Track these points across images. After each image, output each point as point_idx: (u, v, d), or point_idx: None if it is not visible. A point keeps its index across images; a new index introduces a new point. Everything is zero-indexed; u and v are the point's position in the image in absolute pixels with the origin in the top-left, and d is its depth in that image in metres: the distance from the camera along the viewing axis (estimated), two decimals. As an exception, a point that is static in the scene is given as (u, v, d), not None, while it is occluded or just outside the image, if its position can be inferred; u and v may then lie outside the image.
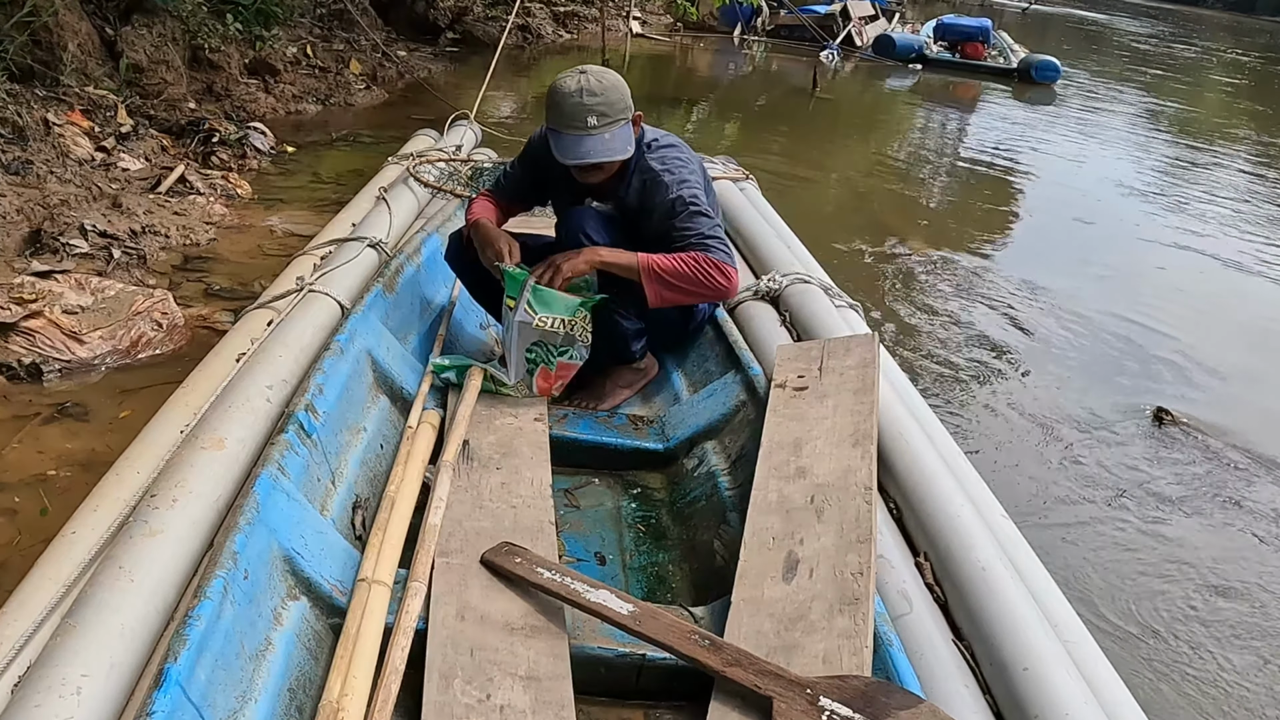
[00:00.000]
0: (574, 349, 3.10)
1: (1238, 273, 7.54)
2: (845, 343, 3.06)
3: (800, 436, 2.65)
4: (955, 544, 2.28)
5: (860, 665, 1.93)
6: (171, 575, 1.89)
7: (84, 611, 1.74)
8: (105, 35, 7.14)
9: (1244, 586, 3.58)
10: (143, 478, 2.31)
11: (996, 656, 2.01)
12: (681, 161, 3.07)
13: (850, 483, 2.42)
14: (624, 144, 2.92)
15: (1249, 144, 14.37)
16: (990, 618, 2.08)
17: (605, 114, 2.86)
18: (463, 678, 1.92)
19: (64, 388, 3.62)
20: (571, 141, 2.89)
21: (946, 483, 2.50)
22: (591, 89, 2.85)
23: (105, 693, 1.62)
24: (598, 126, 2.85)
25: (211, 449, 2.22)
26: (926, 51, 17.53)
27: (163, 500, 2.02)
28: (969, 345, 5.36)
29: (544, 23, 15.31)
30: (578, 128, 2.86)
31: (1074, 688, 1.90)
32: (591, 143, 2.87)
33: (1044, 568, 2.39)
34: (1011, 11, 35.94)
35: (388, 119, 8.67)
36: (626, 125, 2.93)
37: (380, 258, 3.65)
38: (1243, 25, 47.21)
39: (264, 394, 2.51)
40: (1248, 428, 4.77)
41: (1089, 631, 2.20)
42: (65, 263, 4.39)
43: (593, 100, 2.84)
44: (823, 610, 2.08)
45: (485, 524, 2.40)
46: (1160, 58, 26.71)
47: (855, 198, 8.75)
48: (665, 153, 3.07)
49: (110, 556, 1.89)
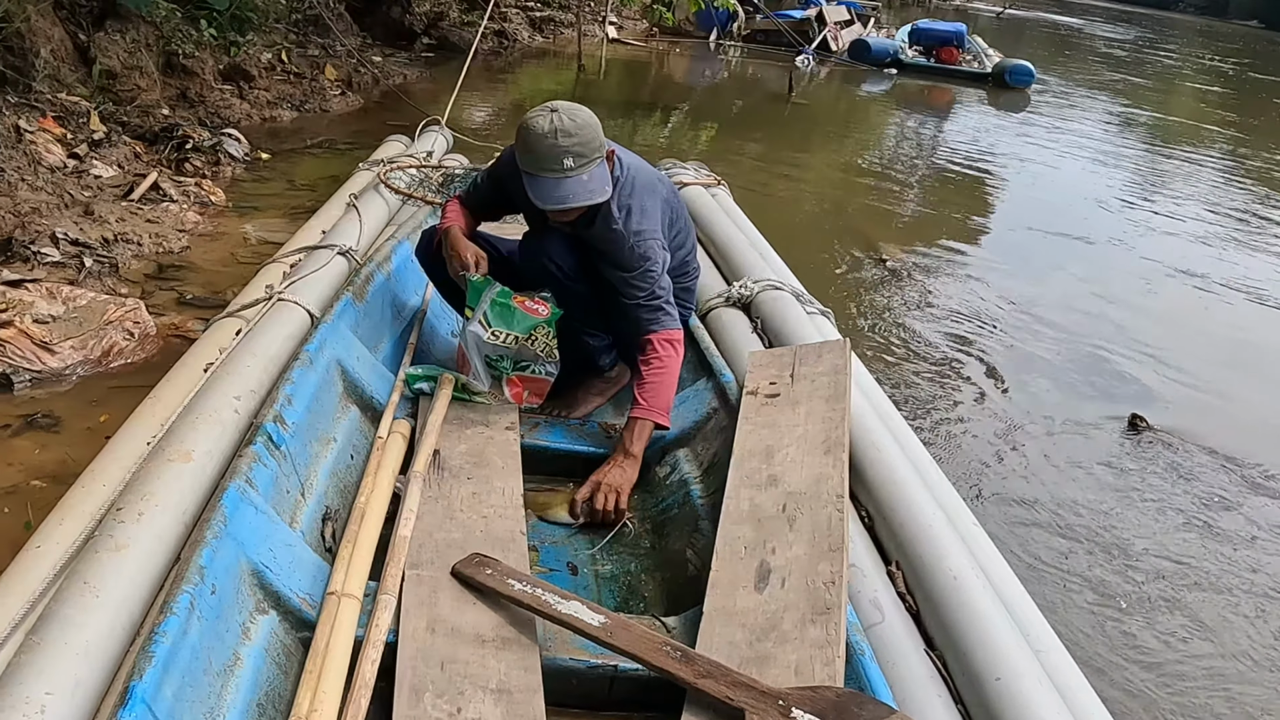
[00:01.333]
0: (537, 364, 3.12)
1: (1208, 280, 7.60)
2: (817, 349, 3.07)
3: (772, 444, 2.66)
4: (927, 553, 2.29)
5: (833, 676, 1.94)
6: (137, 590, 1.87)
7: (48, 629, 1.72)
8: (78, 41, 7.09)
9: (1227, 592, 3.62)
10: (109, 491, 2.27)
11: (968, 666, 2.02)
12: (643, 210, 2.95)
13: (822, 491, 2.43)
14: (602, 184, 2.80)
15: (1220, 151, 14.49)
16: (962, 627, 2.09)
17: (582, 154, 2.72)
18: (433, 691, 1.91)
19: (35, 398, 3.59)
20: (549, 185, 2.75)
21: (918, 491, 2.51)
22: (566, 129, 2.71)
23: (69, 712, 1.60)
24: (575, 168, 2.72)
25: (179, 461, 2.20)
26: (902, 56, 17.61)
27: (129, 514, 2.00)
28: (943, 353, 5.39)
29: (520, 28, 15.30)
30: (554, 170, 2.73)
31: (1045, 697, 1.91)
32: (570, 185, 2.74)
33: (1016, 577, 2.40)
34: (985, 16, 36.11)
35: (363, 125, 8.64)
36: (602, 163, 2.81)
37: (350, 265, 3.63)
38: (1215, 29, 47.53)
39: (232, 405, 2.48)
40: (1221, 434, 4.81)
41: (1060, 641, 2.21)
42: (36, 271, 4.36)
43: (568, 141, 2.70)
44: (795, 620, 2.09)
45: (456, 535, 2.40)
46: (1133, 63, 26.89)
47: (830, 203, 8.78)
48: (630, 200, 2.93)
49: (75, 572, 1.87)
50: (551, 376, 3.17)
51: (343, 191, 4.70)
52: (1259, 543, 3.96)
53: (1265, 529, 4.06)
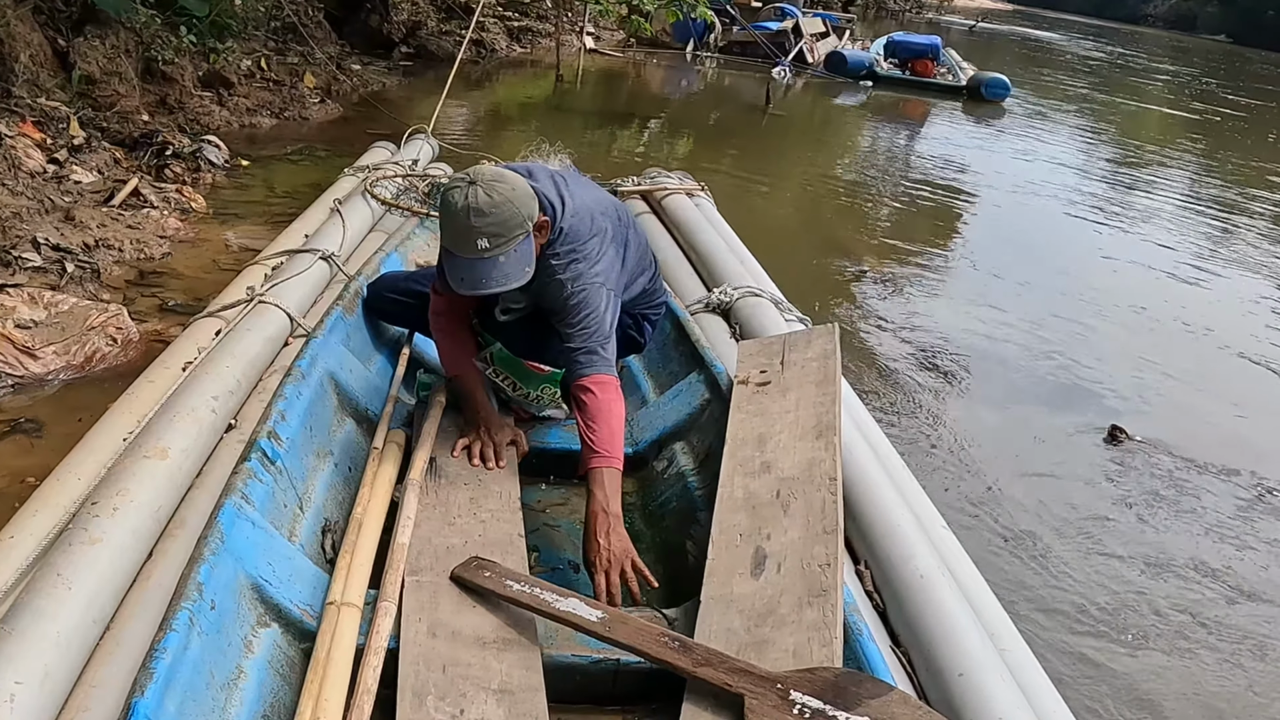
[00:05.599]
0: (535, 407, 3.10)
1: (1183, 288, 7.73)
2: (806, 335, 3.12)
3: (764, 432, 2.69)
4: (895, 553, 2.35)
5: (830, 656, 1.96)
6: (109, 584, 1.89)
7: (20, 619, 1.73)
8: (57, 46, 7.08)
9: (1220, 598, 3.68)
10: (84, 485, 2.30)
11: (933, 663, 2.07)
12: (586, 257, 2.71)
13: (815, 475, 2.46)
14: (520, 266, 2.54)
15: (1191, 162, 14.69)
16: (927, 625, 2.14)
17: (498, 234, 2.48)
18: (435, 694, 1.92)
19: (17, 404, 3.60)
20: (463, 265, 2.54)
21: (888, 493, 2.57)
22: (479, 206, 2.46)
23: (39, 702, 1.63)
24: (490, 249, 2.48)
25: (155, 458, 2.22)
26: (877, 69, 17.75)
27: (103, 508, 2.02)
28: (919, 360, 5.45)
29: (498, 37, 15.34)
30: (467, 251, 2.51)
31: (1007, 693, 1.96)
32: (483, 268, 2.51)
33: (983, 577, 2.45)
34: (958, 29, 36.45)
35: (342, 133, 8.66)
36: (525, 239, 2.54)
37: (332, 270, 3.64)
38: (1183, 44, 48.15)
39: (209, 404, 2.51)
40: (1199, 443, 4.90)
41: (1023, 640, 2.27)
42: (17, 277, 4.35)
43: (481, 221, 2.46)
44: (792, 604, 2.11)
45: (454, 540, 2.40)
46: (1104, 77, 27.20)
47: (807, 213, 8.86)
48: (573, 250, 2.71)
49: (48, 564, 1.89)
50: (564, 416, 3.13)
51: (326, 196, 4.72)
52: (1244, 545, 4.05)
53: (1228, 522, 4.17)
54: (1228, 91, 27.40)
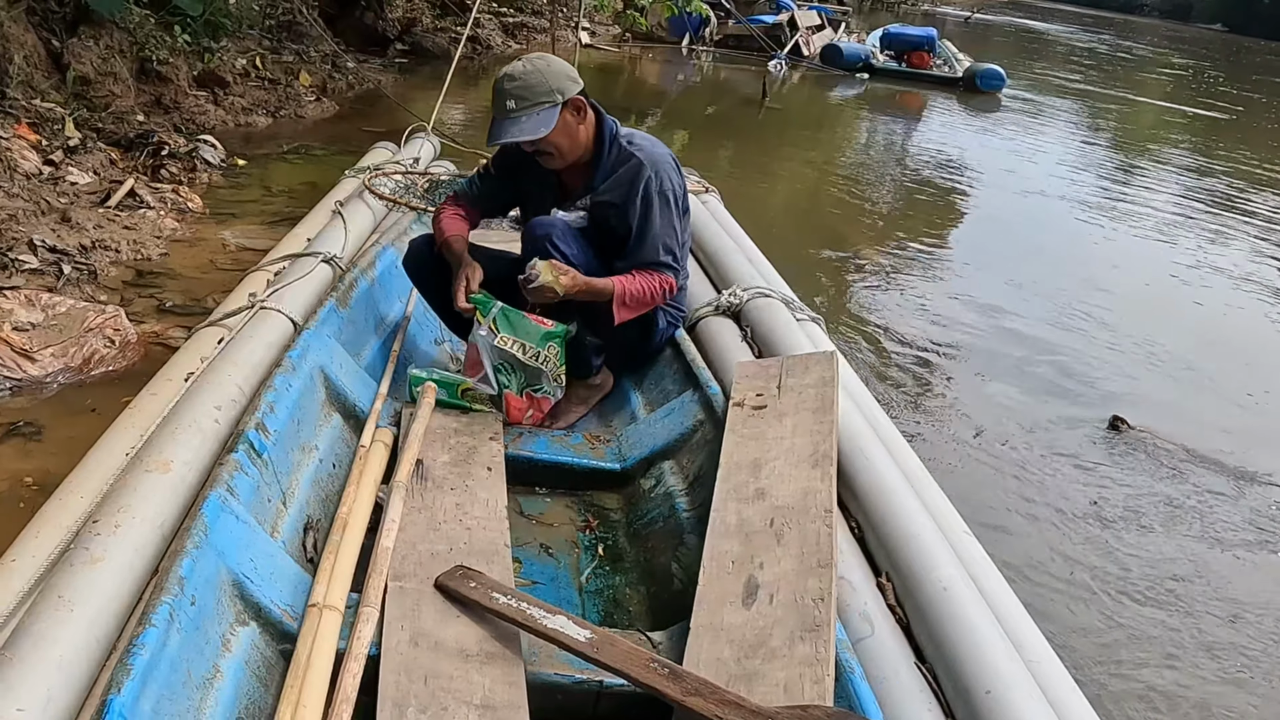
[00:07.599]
0: (544, 384, 3.10)
1: (1183, 281, 7.72)
2: (804, 361, 3.03)
3: (759, 457, 2.62)
4: (917, 564, 2.26)
5: (822, 694, 1.89)
6: (112, 604, 1.83)
7: (21, 643, 1.68)
8: (51, 47, 7.02)
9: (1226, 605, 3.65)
10: (86, 502, 2.24)
11: (959, 680, 1.98)
12: (660, 157, 3.14)
13: (810, 505, 2.39)
14: (537, 125, 2.94)
15: (1187, 153, 14.67)
16: (952, 640, 2.06)
17: (524, 97, 2.92)
18: (416, 706, 1.87)
19: (16, 406, 3.56)
20: (494, 125, 2.98)
21: (908, 500, 2.48)
22: (513, 74, 2.95)
23: None
24: (515, 110, 2.92)
25: (157, 472, 2.16)
26: (873, 61, 17.71)
27: (105, 526, 1.96)
28: (929, 357, 5.43)
29: (493, 33, 15.27)
30: (499, 112, 2.95)
31: (1037, 710, 1.88)
32: (505, 125, 2.95)
33: (1008, 586, 2.37)
34: (954, 20, 36.40)
35: (338, 131, 8.62)
36: (550, 109, 2.94)
37: (335, 273, 3.61)
38: (1179, 34, 48.13)
39: (212, 415, 2.44)
40: (1201, 433, 4.89)
41: (1054, 651, 2.18)
42: (14, 279, 4.32)
43: (511, 85, 2.93)
44: (783, 637, 2.04)
45: (439, 546, 2.36)
46: (1100, 66, 27.17)
47: (806, 207, 8.83)
48: (644, 145, 3.15)
49: (50, 586, 1.83)
50: (554, 398, 3.17)
51: (328, 199, 4.67)
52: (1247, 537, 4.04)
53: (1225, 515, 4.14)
54: (1231, 87, 27.35)
